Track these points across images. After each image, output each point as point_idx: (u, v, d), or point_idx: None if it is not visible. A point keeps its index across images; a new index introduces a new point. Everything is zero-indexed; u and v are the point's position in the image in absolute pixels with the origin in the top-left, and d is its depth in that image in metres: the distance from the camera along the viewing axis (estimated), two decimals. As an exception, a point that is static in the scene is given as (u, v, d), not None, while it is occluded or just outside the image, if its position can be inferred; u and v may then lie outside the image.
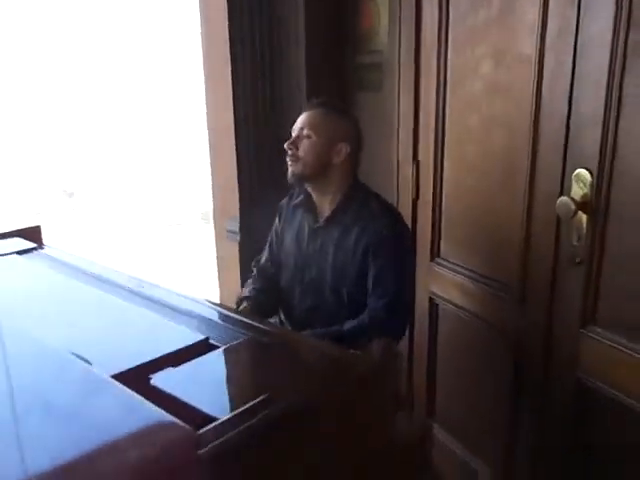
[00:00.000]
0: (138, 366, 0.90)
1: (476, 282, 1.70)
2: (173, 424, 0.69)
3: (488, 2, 1.52)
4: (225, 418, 0.76)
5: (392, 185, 2.01)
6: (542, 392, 1.51)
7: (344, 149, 1.56)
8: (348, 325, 1.50)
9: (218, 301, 2.32)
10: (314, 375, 0.91)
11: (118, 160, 6.48)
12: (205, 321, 1.15)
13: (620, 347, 1.24)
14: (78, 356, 0.91)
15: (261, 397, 0.80)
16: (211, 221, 2.59)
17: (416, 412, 1.97)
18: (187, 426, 0.69)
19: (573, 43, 1.26)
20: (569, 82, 1.29)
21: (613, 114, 1.20)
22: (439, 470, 1.85)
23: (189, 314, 1.17)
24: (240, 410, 0.77)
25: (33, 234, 1.71)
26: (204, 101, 2.45)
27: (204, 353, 0.97)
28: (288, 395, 0.82)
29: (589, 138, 1.26)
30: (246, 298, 1.70)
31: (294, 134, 1.58)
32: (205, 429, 0.73)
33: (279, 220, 1.76)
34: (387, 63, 1.99)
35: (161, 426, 0.70)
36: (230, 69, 2.18)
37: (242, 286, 1.94)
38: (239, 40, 2.17)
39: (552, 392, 1.48)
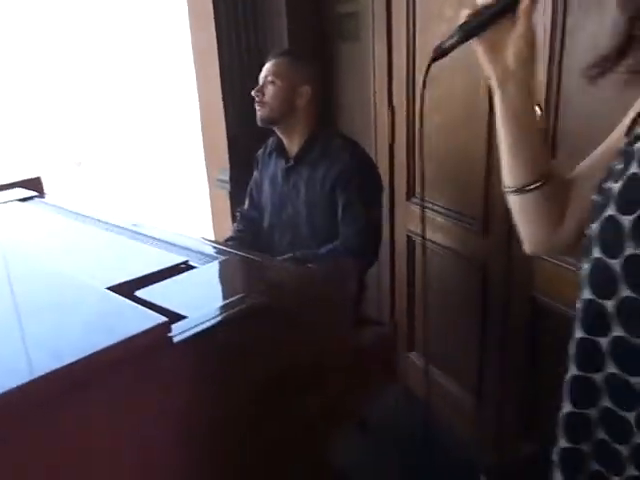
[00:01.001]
0: (125, 282, 1.04)
1: (446, 217, 1.82)
2: (150, 315, 0.83)
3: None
4: (196, 315, 0.90)
5: (370, 131, 2.11)
6: (504, 313, 1.65)
7: (306, 92, 1.69)
8: (324, 250, 1.64)
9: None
10: (277, 283, 1.04)
11: (124, 130, 6.55)
12: (190, 250, 1.28)
13: (565, 265, 1.37)
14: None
15: (230, 299, 0.94)
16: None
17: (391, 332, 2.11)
18: (161, 316, 0.82)
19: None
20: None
21: (557, 50, 1.30)
22: (410, 387, 2.00)
23: (176, 244, 1.30)
24: (211, 308, 0.91)
25: (34, 185, 1.83)
26: (194, 68, 2.54)
27: (184, 272, 1.11)
28: (254, 296, 0.96)
29: (537, 74, 1.36)
30: (231, 238, 1.86)
31: (260, 82, 1.72)
32: (180, 322, 0.87)
33: (257, 169, 1.91)
34: (363, 12, 2.07)
35: (141, 317, 0.84)
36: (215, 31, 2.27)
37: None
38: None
39: (513, 312, 1.62)
